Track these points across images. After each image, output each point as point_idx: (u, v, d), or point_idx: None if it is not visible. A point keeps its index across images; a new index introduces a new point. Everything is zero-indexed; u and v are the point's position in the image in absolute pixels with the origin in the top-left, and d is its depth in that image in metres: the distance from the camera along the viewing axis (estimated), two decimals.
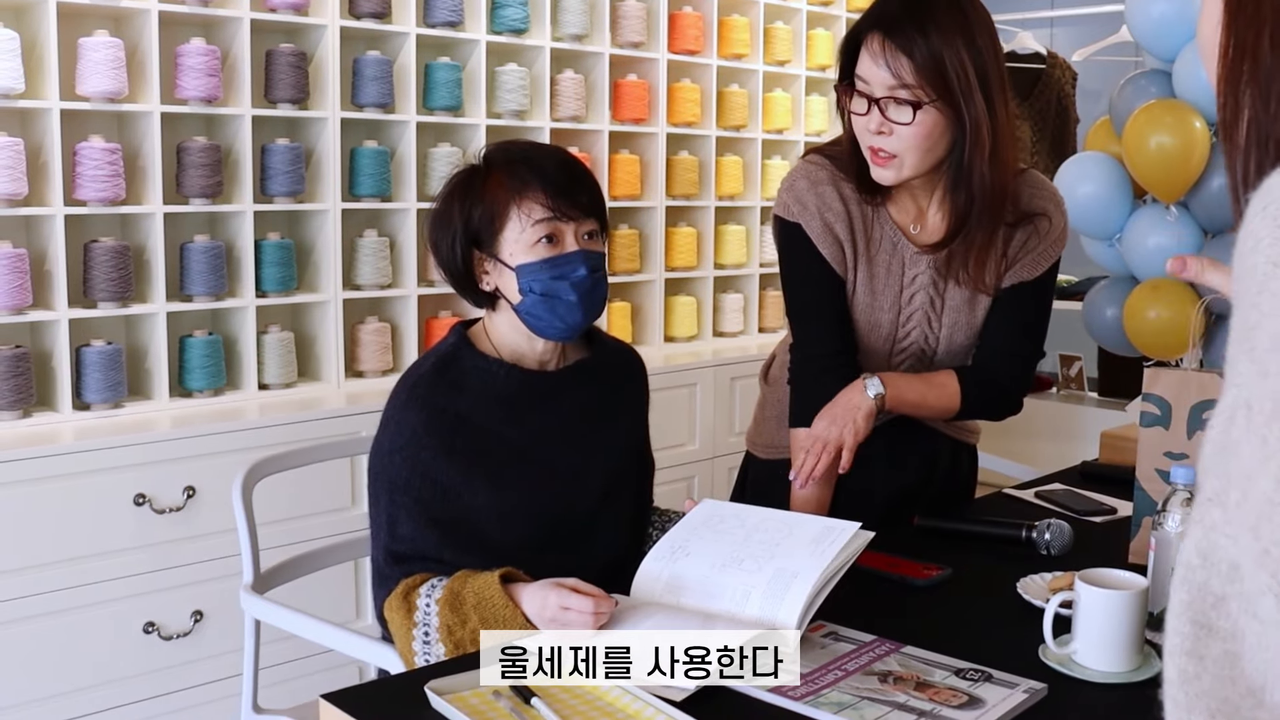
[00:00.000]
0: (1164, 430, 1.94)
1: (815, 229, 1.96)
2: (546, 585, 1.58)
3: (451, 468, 1.74)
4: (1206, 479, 0.67)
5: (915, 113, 1.80)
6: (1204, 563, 0.65)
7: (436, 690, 1.39)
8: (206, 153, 3.09)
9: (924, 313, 2.01)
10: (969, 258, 1.93)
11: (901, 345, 2.05)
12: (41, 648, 2.66)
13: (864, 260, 1.98)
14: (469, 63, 3.64)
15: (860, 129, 1.87)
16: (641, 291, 4.22)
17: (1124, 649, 1.49)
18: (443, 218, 1.81)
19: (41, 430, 2.83)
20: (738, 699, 1.42)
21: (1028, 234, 1.98)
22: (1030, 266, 2.00)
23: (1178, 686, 0.66)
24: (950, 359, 2.06)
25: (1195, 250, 3.61)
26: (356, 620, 3.12)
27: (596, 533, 1.86)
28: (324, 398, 3.29)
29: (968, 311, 2.02)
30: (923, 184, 1.95)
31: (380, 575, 1.76)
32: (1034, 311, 2.04)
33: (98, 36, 2.91)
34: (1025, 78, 5.31)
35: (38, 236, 2.95)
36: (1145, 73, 3.78)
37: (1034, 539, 1.99)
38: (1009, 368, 2.04)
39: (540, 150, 1.86)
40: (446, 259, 1.82)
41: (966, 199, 1.88)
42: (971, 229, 1.90)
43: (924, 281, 1.99)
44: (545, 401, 1.84)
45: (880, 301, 2.00)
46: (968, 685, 1.44)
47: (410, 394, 1.78)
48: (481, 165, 1.82)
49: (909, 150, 1.84)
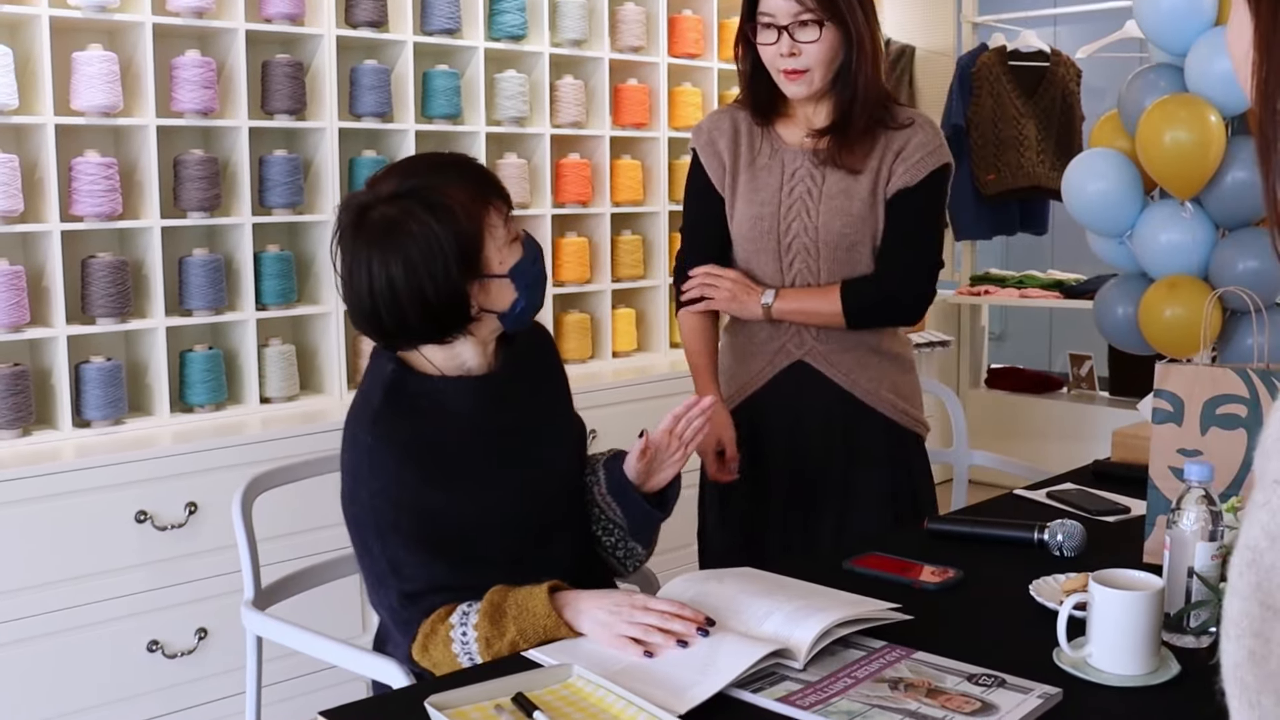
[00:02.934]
0: (1177, 427, 1.90)
1: (701, 144, 2.31)
2: (614, 592, 1.60)
3: (433, 495, 1.71)
4: (1272, 460, 0.67)
5: (820, 29, 2.14)
6: (1273, 545, 0.65)
7: (437, 705, 1.36)
8: (203, 165, 3.07)
9: (803, 202, 2.23)
10: (843, 146, 2.20)
11: (786, 238, 2.24)
12: (44, 668, 2.64)
13: (746, 166, 2.27)
14: (467, 70, 3.62)
15: (771, 57, 2.18)
16: (645, 297, 4.19)
17: (1140, 651, 1.45)
18: (427, 251, 1.65)
19: (41, 448, 2.81)
20: (746, 709, 1.39)
21: (905, 139, 2.22)
22: (912, 171, 2.21)
23: (1247, 669, 0.65)
24: (833, 251, 2.22)
25: (1210, 246, 3.57)
26: (363, 635, 3.09)
27: (574, 510, 1.89)
28: (327, 410, 3.27)
29: (844, 199, 2.21)
30: (811, 103, 2.24)
31: (401, 623, 1.70)
32: (915, 220, 2.24)
33: (92, 51, 2.90)
34: (1030, 76, 5.29)
35: (35, 253, 2.93)
36: (1154, 67, 3.74)
37: (1046, 540, 1.96)
38: (898, 274, 2.24)
39: (445, 159, 1.79)
40: (442, 293, 1.67)
41: (850, 97, 2.19)
42: (853, 120, 2.20)
43: (802, 174, 2.24)
44: (500, 403, 1.82)
45: (763, 195, 2.25)
46: (980, 691, 1.41)
47: (374, 433, 1.72)
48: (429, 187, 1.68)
49: (817, 64, 2.16)
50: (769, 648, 1.46)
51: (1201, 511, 1.57)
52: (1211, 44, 3.43)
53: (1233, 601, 0.66)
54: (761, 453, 2.29)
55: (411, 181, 1.68)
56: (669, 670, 1.46)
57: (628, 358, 4.11)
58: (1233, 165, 3.48)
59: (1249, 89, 0.80)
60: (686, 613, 1.54)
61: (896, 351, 2.31)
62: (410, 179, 1.69)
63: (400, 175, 1.70)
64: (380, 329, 1.71)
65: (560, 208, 3.88)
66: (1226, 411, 1.87)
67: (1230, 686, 0.66)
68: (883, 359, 2.28)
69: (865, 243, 2.22)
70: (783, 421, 2.28)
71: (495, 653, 1.59)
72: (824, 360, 2.25)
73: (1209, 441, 1.88)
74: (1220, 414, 1.88)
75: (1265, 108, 0.78)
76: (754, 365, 2.29)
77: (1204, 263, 3.58)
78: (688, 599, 1.64)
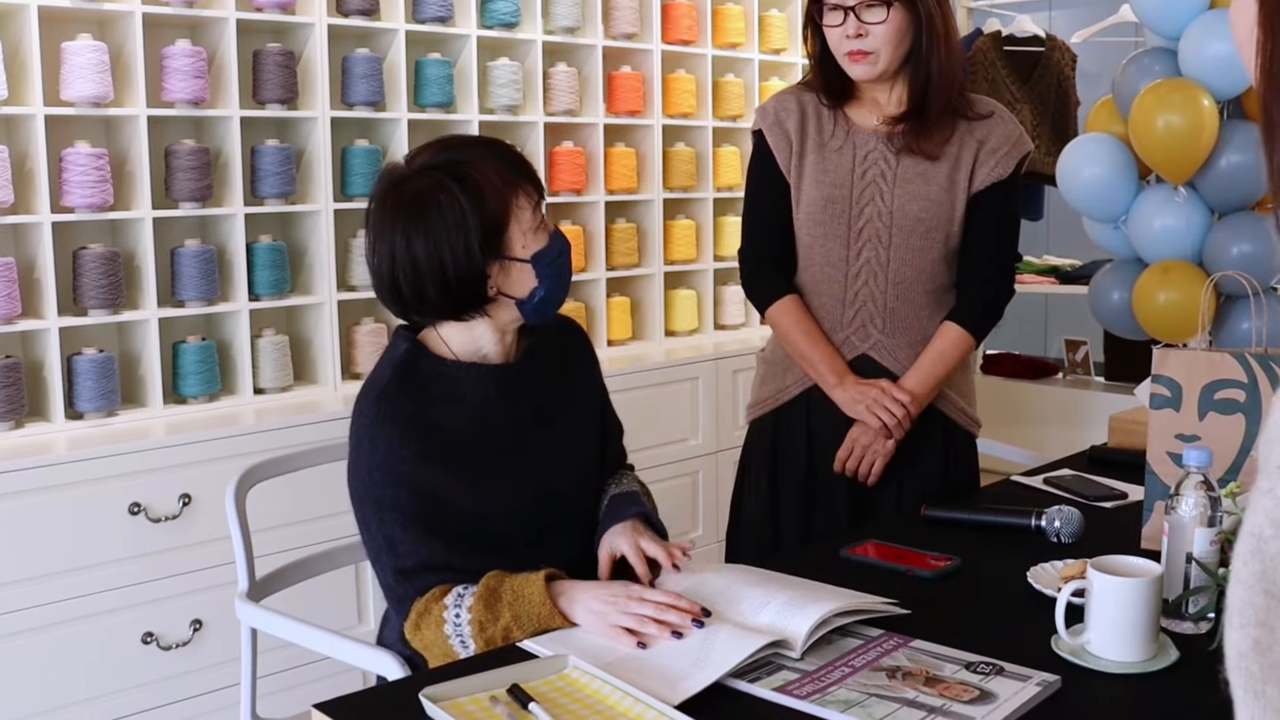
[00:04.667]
0: (1175, 412, 1.90)
1: (768, 124, 2.28)
2: (611, 583, 1.60)
3: (434, 475, 1.71)
4: (1276, 448, 0.66)
5: (888, 10, 2.13)
6: (1278, 532, 0.64)
7: (431, 698, 1.35)
8: (195, 155, 3.05)
9: (876, 185, 2.21)
10: (920, 133, 2.19)
11: (859, 223, 2.21)
12: (39, 661, 2.63)
13: (815, 148, 2.24)
14: (460, 58, 3.60)
15: (837, 38, 2.17)
16: (641, 286, 4.18)
17: (1139, 638, 1.45)
18: (451, 223, 1.66)
19: (34, 441, 2.79)
20: (742, 699, 1.38)
21: (988, 130, 2.23)
22: (1003, 164, 2.22)
23: (1251, 658, 0.65)
24: (906, 237, 2.20)
25: (1204, 230, 3.56)
26: (359, 625, 3.09)
27: (584, 508, 1.87)
28: (321, 400, 3.25)
29: (921, 184, 2.20)
30: (882, 87, 2.23)
31: (396, 598, 1.72)
32: (1008, 217, 2.28)
33: (81, 41, 2.87)
34: (1025, 61, 5.27)
35: (25, 245, 2.91)
36: (1148, 51, 3.72)
37: (1044, 527, 1.95)
38: (998, 275, 2.28)
39: (482, 140, 1.83)
40: (460, 267, 1.66)
41: (925, 79, 2.17)
42: (929, 104, 2.18)
43: (875, 157, 2.22)
44: (513, 393, 1.81)
45: (834, 177, 2.22)
46: (978, 679, 1.40)
47: (378, 408, 1.72)
48: (461, 161, 1.71)
49: (883, 45, 2.14)
50: (765, 639, 1.45)
51: (1200, 497, 1.57)
52: (1205, 28, 3.41)
53: (1236, 590, 0.66)
54: (815, 447, 2.28)
55: (445, 155, 1.71)
56: (665, 661, 1.45)
57: (622, 346, 4.09)
58: (1226, 149, 3.46)
59: (1253, 69, 0.79)
60: (682, 604, 1.54)
61: None
62: (444, 153, 1.72)
63: (435, 150, 1.74)
64: (399, 300, 1.73)
65: (554, 196, 3.86)
66: (1225, 396, 1.87)
67: (1234, 676, 0.65)
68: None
69: (939, 229, 2.21)
70: (841, 413, 2.24)
71: (488, 638, 1.58)
72: (889, 355, 2.23)
73: (1207, 426, 1.87)
74: (1218, 399, 1.87)
75: (1269, 87, 0.77)
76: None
77: (1198, 247, 3.57)
78: (683, 589, 1.63)
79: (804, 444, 2.27)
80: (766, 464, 2.30)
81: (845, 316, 2.23)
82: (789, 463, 2.28)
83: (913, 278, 2.21)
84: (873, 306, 2.21)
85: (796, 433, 2.27)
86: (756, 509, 2.33)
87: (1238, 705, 0.66)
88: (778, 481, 2.30)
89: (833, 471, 2.25)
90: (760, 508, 2.32)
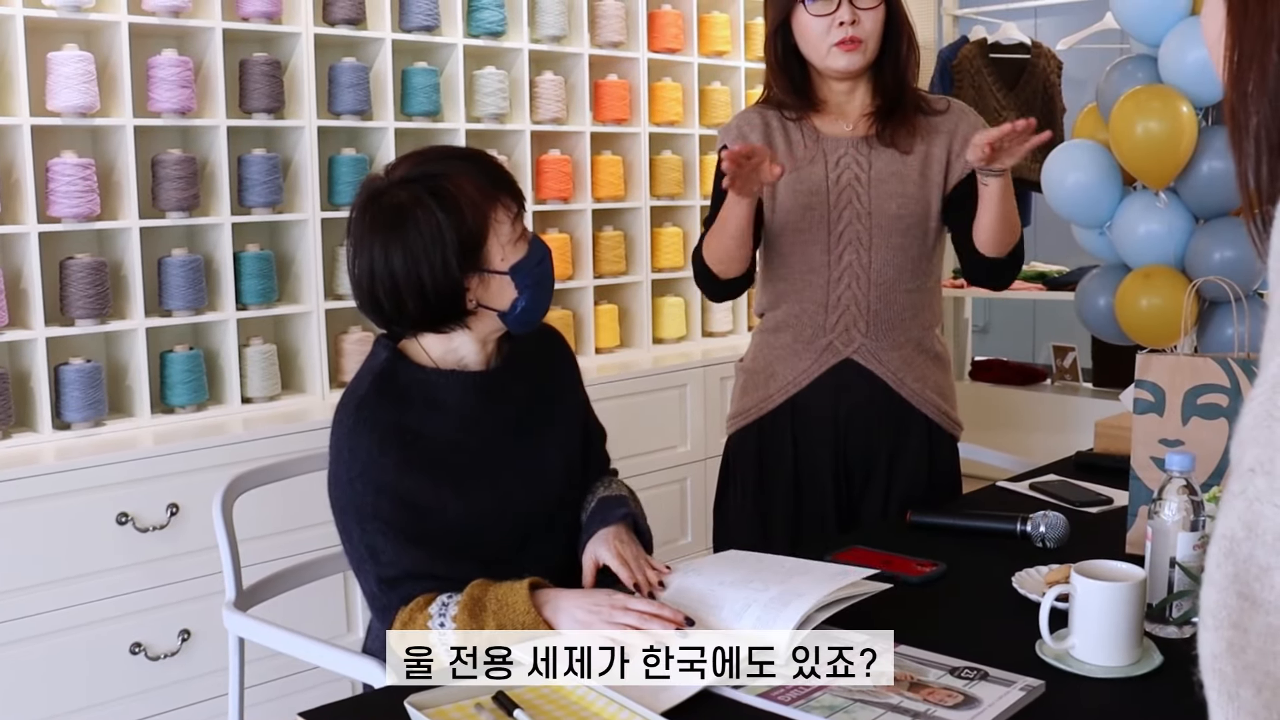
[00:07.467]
0: (1158, 417, 1.91)
1: (732, 139, 2.27)
2: (595, 591, 1.61)
3: (415, 483, 1.70)
4: (1248, 450, 0.66)
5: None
6: (1249, 534, 0.64)
7: (417, 705, 1.36)
8: (182, 165, 3.05)
9: (853, 188, 2.21)
10: (897, 127, 2.22)
11: (838, 226, 2.21)
12: (26, 672, 2.62)
13: (784, 158, 2.22)
14: (446, 67, 3.61)
15: (824, 29, 2.16)
16: (628, 293, 4.18)
17: (1123, 642, 1.45)
18: (428, 239, 1.65)
19: (21, 451, 2.79)
20: (728, 705, 1.39)
21: (954, 123, 2.25)
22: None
23: (1225, 660, 0.65)
24: (886, 236, 2.21)
25: (1187, 236, 3.58)
26: (347, 634, 3.08)
27: (566, 515, 1.88)
28: (309, 409, 3.25)
29: (897, 182, 2.21)
30: (847, 90, 2.25)
31: (380, 607, 1.72)
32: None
33: (67, 51, 2.87)
34: (1011, 68, 5.28)
35: (12, 255, 2.91)
36: (1131, 58, 3.75)
37: (1029, 532, 1.96)
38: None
39: (461, 152, 1.82)
40: (438, 282, 1.66)
41: (894, 78, 2.22)
42: (902, 98, 2.22)
43: (848, 161, 2.23)
44: (494, 401, 1.81)
45: (809, 185, 2.22)
46: (963, 684, 1.40)
47: (357, 416, 1.72)
48: (438, 175, 1.70)
49: (872, 35, 2.16)
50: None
51: (1183, 501, 1.57)
52: (1185, 35, 3.43)
53: (1209, 592, 0.66)
54: (801, 453, 2.28)
55: (423, 168, 1.71)
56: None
57: (610, 354, 4.10)
58: (1207, 155, 3.48)
59: (1221, 73, 0.80)
60: (665, 612, 1.54)
61: (938, 351, 2.31)
62: (422, 166, 1.71)
63: (414, 162, 1.73)
64: (380, 313, 1.73)
65: (541, 204, 3.87)
66: (1208, 401, 1.88)
67: (1208, 678, 0.66)
68: (927, 358, 2.27)
69: (917, 225, 2.22)
70: (825, 419, 2.25)
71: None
72: (873, 358, 2.23)
73: (1190, 431, 1.88)
74: (1201, 404, 1.88)
75: (1236, 90, 0.79)
76: (800, 363, 2.26)
77: (1180, 253, 3.58)
78: (665, 596, 1.64)
79: (790, 450, 2.27)
80: (753, 473, 2.31)
81: (829, 322, 2.23)
82: (775, 471, 2.29)
83: (894, 278, 2.22)
84: (856, 310, 2.22)
85: (782, 440, 2.28)
86: (743, 518, 2.34)
87: (1212, 707, 0.66)
88: (764, 490, 2.30)
89: (818, 477, 2.26)
90: (747, 516, 2.33)
